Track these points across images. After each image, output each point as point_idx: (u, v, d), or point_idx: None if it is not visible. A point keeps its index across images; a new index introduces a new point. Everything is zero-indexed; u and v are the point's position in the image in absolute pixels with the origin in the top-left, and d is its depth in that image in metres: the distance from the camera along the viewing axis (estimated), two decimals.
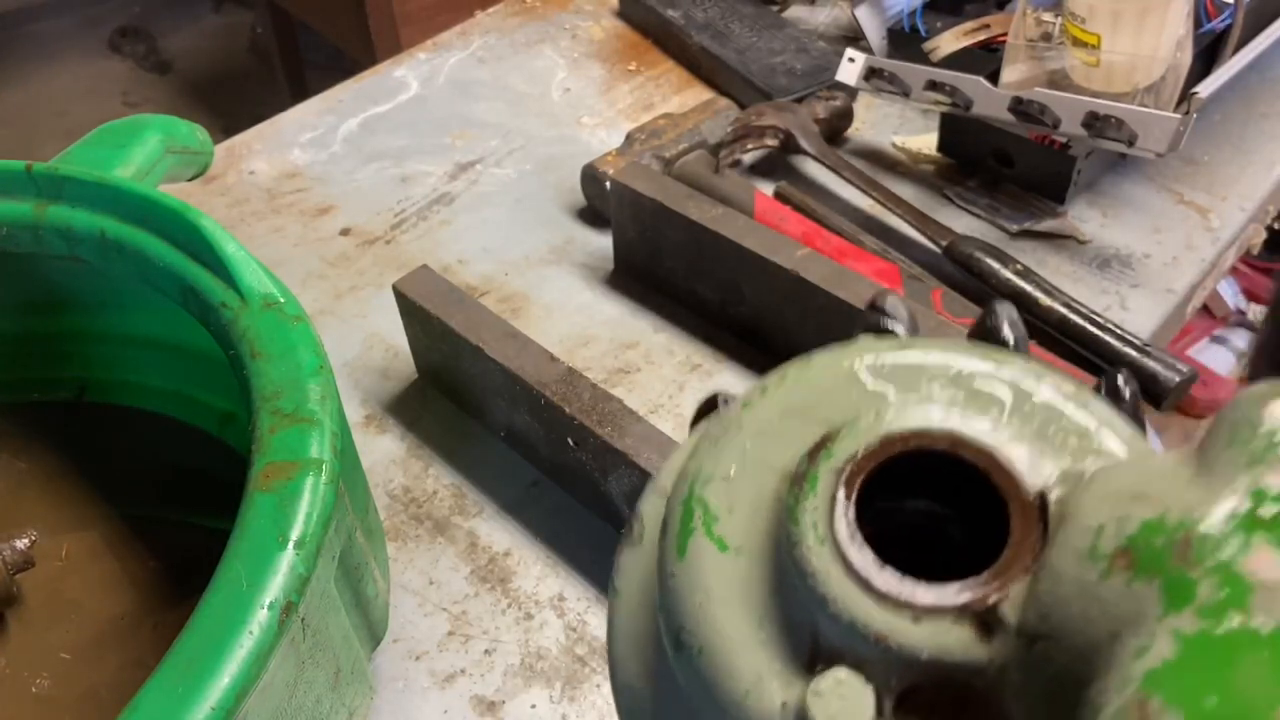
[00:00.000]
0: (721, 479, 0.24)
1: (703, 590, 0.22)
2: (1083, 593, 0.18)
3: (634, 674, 0.25)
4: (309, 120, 0.91)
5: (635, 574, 0.26)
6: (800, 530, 0.21)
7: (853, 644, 0.20)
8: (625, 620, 0.26)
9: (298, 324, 0.42)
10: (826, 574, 0.21)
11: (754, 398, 0.25)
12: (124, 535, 0.54)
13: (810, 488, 0.22)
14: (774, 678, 0.21)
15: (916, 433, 0.23)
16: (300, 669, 0.38)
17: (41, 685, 0.49)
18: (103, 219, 0.47)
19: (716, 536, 0.23)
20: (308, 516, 0.36)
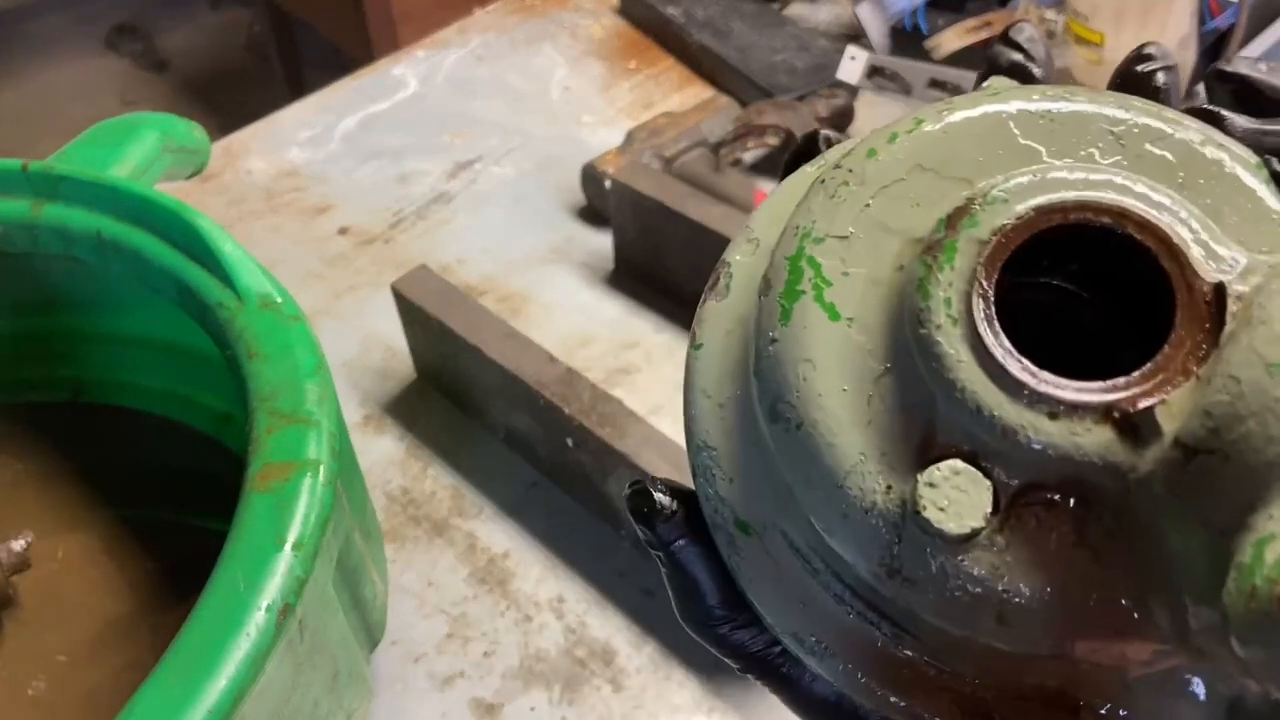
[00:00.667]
0: (837, 238, 0.21)
1: (807, 360, 0.20)
2: (1266, 408, 0.16)
3: (713, 433, 0.23)
4: (307, 118, 0.91)
5: (719, 327, 0.24)
6: (930, 307, 0.19)
7: (976, 436, 0.19)
8: (706, 376, 0.23)
9: (295, 324, 0.42)
10: (956, 358, 0.19)
11: (879, 145, 0.22)
12: (121, 536, 0.54)
13: (947, 258, 0.19)
14: (879, 461, 0.19)
15: (1079, 202, 0.19)
16: (298, 671, 0.38)
17: (38, 688, 0.49)
18: (99, 218, 0.47)
19: (828, 303, 0.20)
20: (305, 518, 0.36)
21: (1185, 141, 0.20)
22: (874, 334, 0.20)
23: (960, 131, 0.21)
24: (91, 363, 0.56)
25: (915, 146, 0.21)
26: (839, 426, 0.20)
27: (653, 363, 0.67)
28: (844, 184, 0.22)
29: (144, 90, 2.36)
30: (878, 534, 0.19)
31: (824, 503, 0.20)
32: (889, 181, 0.21)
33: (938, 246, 0.20)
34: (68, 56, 2.44)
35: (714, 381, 0.23)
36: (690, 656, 0.52)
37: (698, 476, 0.23)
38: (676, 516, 0.24)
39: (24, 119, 2.25)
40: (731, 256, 0.25)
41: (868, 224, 0.21)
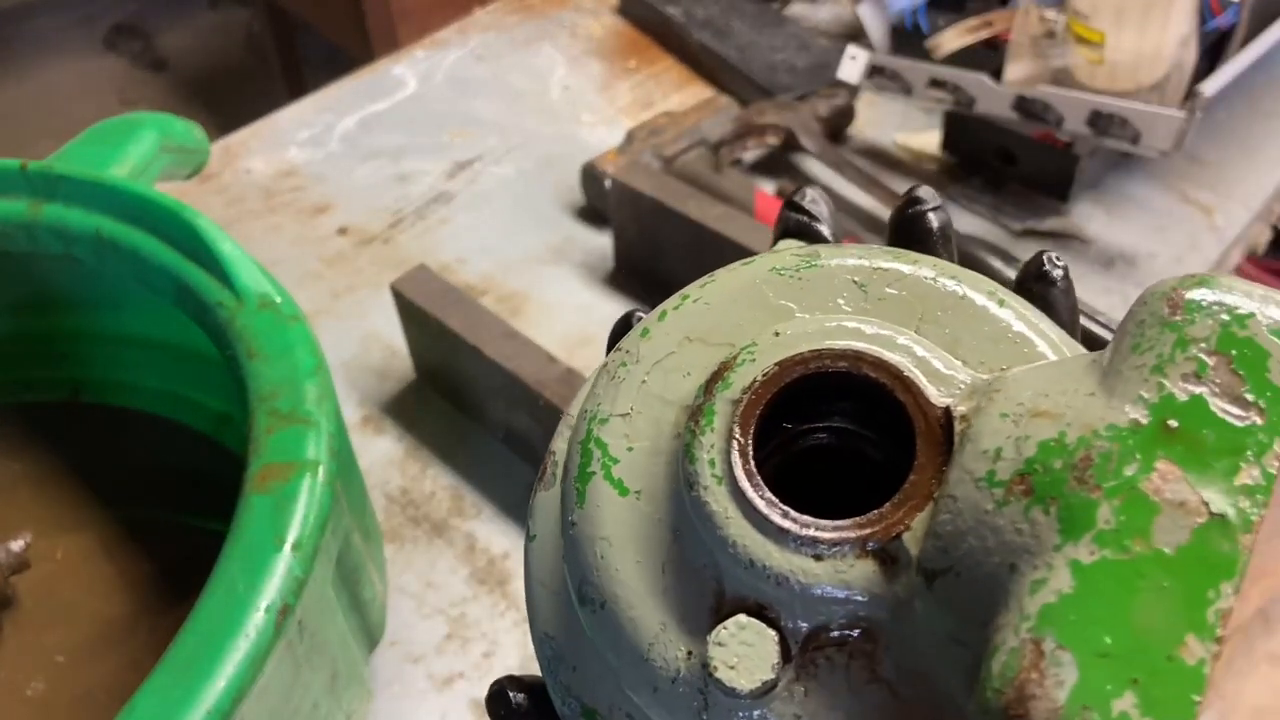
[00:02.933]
0: (620, 416, 0.22)
1: (603, 538, 0.21)
2: (979, 523, 0.17)
3: (552, 622, 0.24)
4: (306, 118, 0.90)
5: (549, 517, 0.24)
6: (696, 469, 0.20)
7: (756, 586, 0.19)
8: (541, 566, 0.24)
9: (294, 324, 0.42)
10: (725, 515, 0.19)
11: (651, 325, 0.23)
12: (119, 537, 0.54)
13: (707, 422, 0.20)
14: (678, 628, 0.20)
15: (815, 353, 0.21)
16: (297, 672, 0.38)
17: (36, 688, 0.49)
18: (98, 218, 0.47)
19: (615, 479, 0.21)
20: (304, 518, 0.36)
21: (920, 279, 0.22)
22: (661, 503, 0.21)
23: (720, 299, 0.23)
24: (90, 363, 0.56)
25: (682, 320, 0.23)
26: (637, 599, 0.20)
27: None
28: (622, 365, 0.23)
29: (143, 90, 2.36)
30: (686, 701, 0.20)
31: (635, 677, 0.20)
32: (661, 356, 0.22)
33: (699, 412, 0.21)
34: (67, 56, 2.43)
35: (549, 571, 0.24)
36: None
37: (543, 668, 0.24)
38: (528, 714, 0.24)
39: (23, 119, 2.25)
40: (556, 445, 0.26)
41: (645, 399, 0.22)
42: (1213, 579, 0.15)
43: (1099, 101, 0.65)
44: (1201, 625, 0.15)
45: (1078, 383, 0.18)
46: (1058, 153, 0.74)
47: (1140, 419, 0.17)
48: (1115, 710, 0.14)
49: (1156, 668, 0.15)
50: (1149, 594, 0.15)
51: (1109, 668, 0.15)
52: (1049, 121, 0.68)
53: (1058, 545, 0.16)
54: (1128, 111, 0.64)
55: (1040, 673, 0.15)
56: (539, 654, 0.24)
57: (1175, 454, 0.16)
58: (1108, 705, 0.15)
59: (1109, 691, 0.15)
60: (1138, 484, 0.16)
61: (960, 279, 0.22)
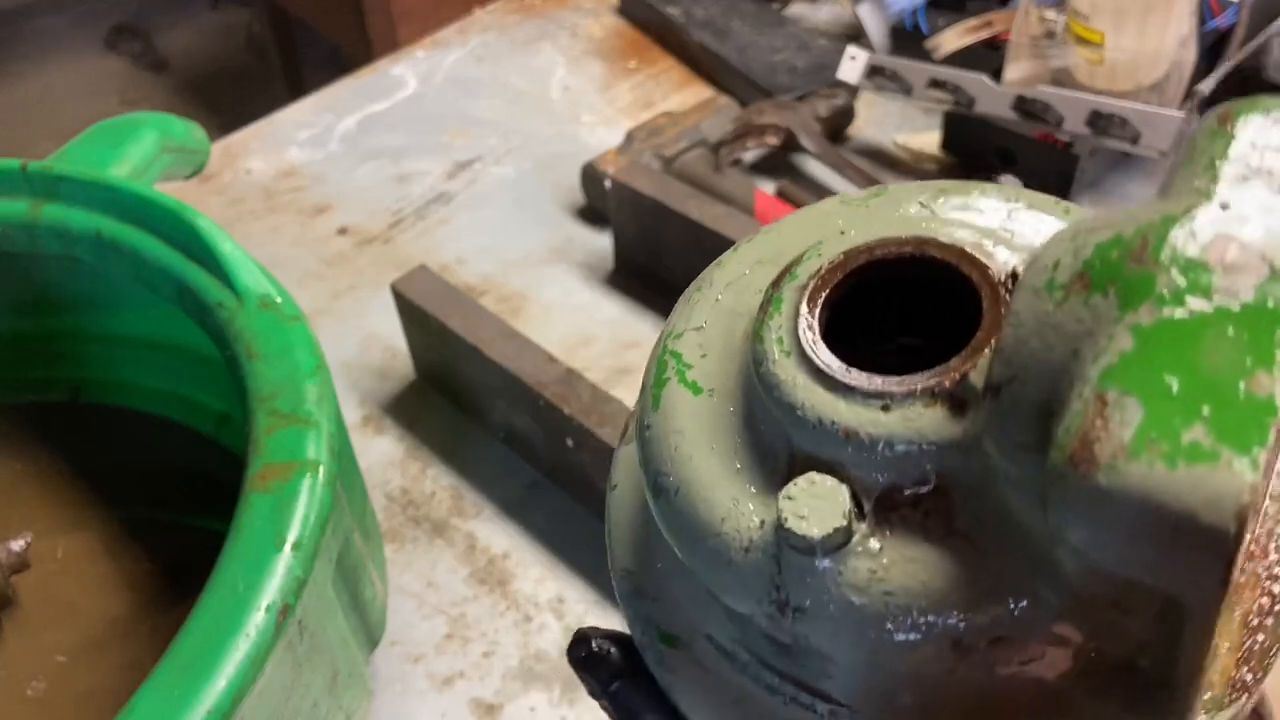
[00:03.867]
0: (694, 329, 0.23)
1: (676, 432, 0.22)
2: (1041, 325, 0.17)
3: (629, 559, 0.25)
4: (306, 118, 0.90)
5: (629, 469, 0.26)
6: (765, 347, 0.21)
7: (825, 448, 0.20)
8: (620, 512, 0.26)
9: (295, 324, 0.42)
10: (792, 381, 0.20)
11: (726, 257, 0.25)
12: (120, 537, 0.54)
13: (775, 308, 0.21)
14: (750, 500, 0.20)
15: (880, 240, 0.21)
16: (297, 672, 0.38)
17: (37, 688, 0.49)
18: (99, 218, 0.47)
19: (690, 382, 0.22)
20: (305, 518, 0.36)
21: (988, 199, 0.23)
22: (733, 397, 0.22)
23: (791, 228, 0.24)
24: (91, 363, 0.56)
25: (754, 248, 0.24)
26: (711, 479, 0.21)
27: None
28: (697, 289, 0.24)
29: (143, 90, 2.36)
30: (760, 569, 0.20)
31: (708, 557, 0.21)
32: (734, 278, 0.24)
33: (767, 302, 0.22)
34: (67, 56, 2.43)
35: (627, 515, 0.25)
36: None
37: (623, 603, 0.25)
38: (610, 656, 0.25)
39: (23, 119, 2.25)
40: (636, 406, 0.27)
41: (718, 313, 0.23)
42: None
43: (1099, 102, 0.65)
44: (1270, 361, 0.15)
45: (1135, 209, 0.18)
46: (1058, 153, 0.74)
47: (1194, 202, 0.17)
48: (1185, 440, 0.14)
49: (1226, 399, 0.14)
50: (1214, 341, 0.15)
51: (1176, 404, 0.15)
52: (1049, 121, 0.68)
53: (1117, 318, 0.16)
54: (1127, 112, 0.64)
55: (1104, 419, 0.15)
56: (619, 590, 0.25)
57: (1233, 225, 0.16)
58: (1177, 435, 0.14)
59: (1177, 424, 0.14)
60: (1194, 253, 0.16)
61: (1028, 200, 0.22)
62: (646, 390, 0.23)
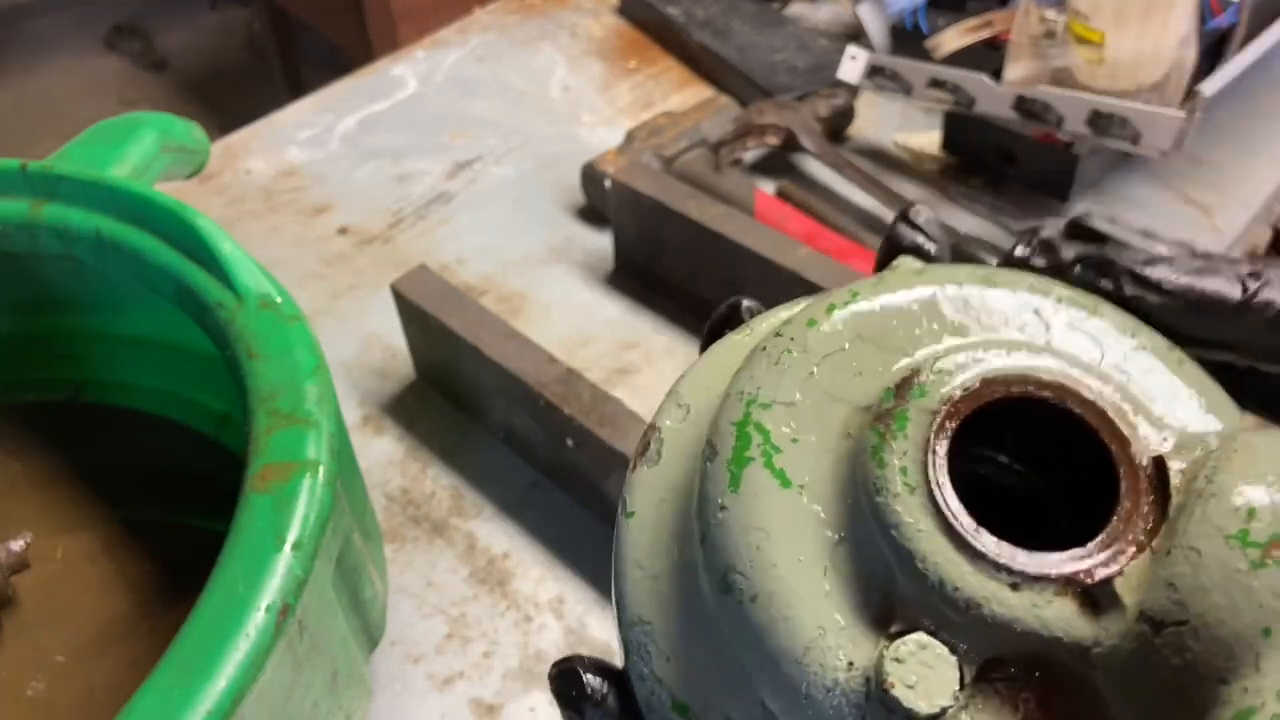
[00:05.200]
0: (784, 404, 0.21)
1: (760, 529, 0.20)
2: (1229, 581, 0.16)
3: (648, 606, 0.22)
4: (306, 118, 0.90)
5: (652, 495, 0.23)
6: (886, 475, 0.19)
7: (937, 608, 0.18)
8: (638, 546, 0.23)
9: (295, 324, 0.42)
10: (915, 527, 0.18)
11: (818, 315, 0.22)
12: (120, 537, 0.53)
13: (899, 427, 0.19)
14: (839, 634, 0.19)
15: (1021, 376, 0.20)
16: (297, 672, 0.38)
17: (36, 688, 0.49)
18: (98, 218, 0.47)
19: (778, 469, 0.20)
20: (305, 518, 0.36)
21: (1105, 328, 0.21)
22: (826, 502, 0.20)
23: (894, 305, 0.22)
24: (90, 363, 0.56)
25: (854, 318, 0.22)
26: (796, 598, 0.19)
27: (653, 363, 0.67)
28: (787, 351, 0.22)
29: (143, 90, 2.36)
30: (840, 714, 0.19)
31: (781, 681, 0.19)
32: (831, 350, 0.21)
33: (889, 415, 0.20)
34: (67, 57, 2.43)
35: (646, 552, 0.23)
36: None
37: (630, 654, 0.22)
38: (607, 701, 0.22)
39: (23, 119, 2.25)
40: (661, 422, 0.24)
41: (814, 391, 0.21)
42: None
43: (1099, 101, 0.65)
44: None
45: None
46: (1058, 153, 0.74)
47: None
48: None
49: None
50: None
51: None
52: (1049, 121, 0.68)
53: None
54: (1128, 111, 0.64)
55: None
56: (626, 638, 0.23)
57: None
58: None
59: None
60: None
61: (1139, 333, 0.22)
62: (721, 461, 0.21)
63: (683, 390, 0.24)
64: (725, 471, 0.20)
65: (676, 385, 0.25)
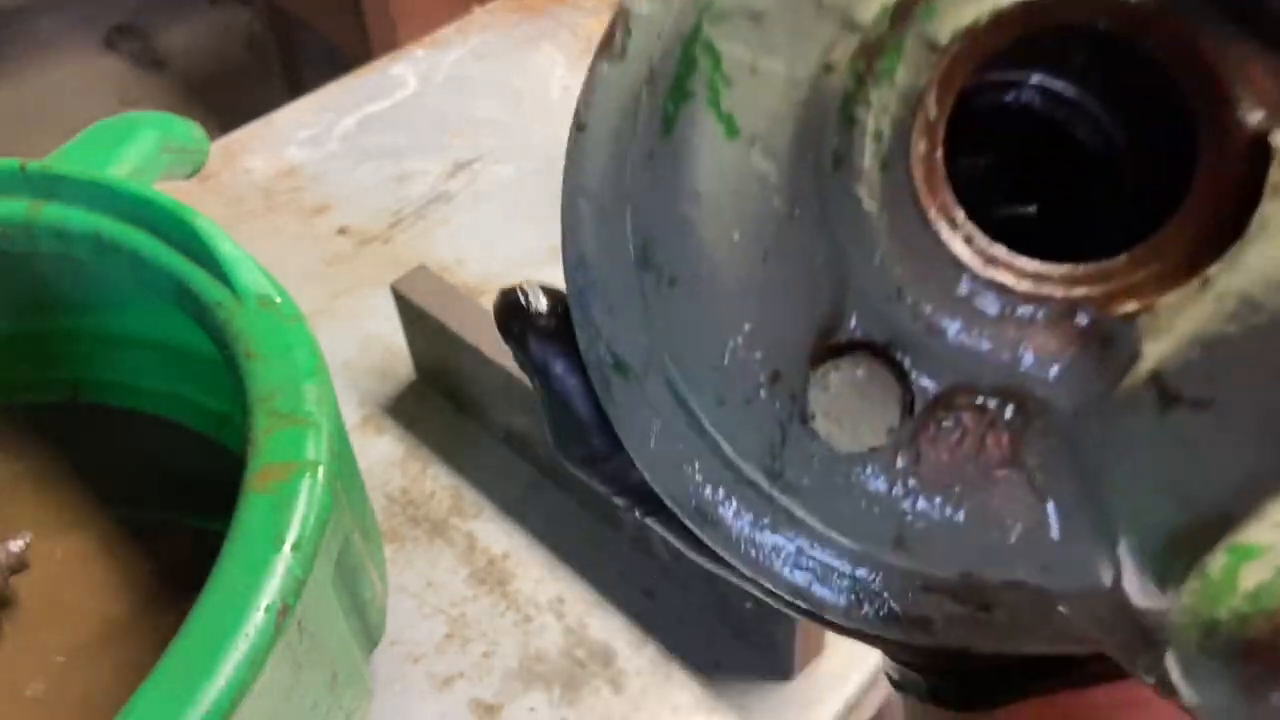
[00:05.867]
0: (747, 15, 0.15)
1: (691, 192, 0.15)
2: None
3: (593, 246, 0.18)
4: (306, 118, 0.90)
5: (611, 103, 0.18)
6: (852, 139, 0.14)
7: (893, 322, 0.14)
8: (589, 170, 0.18)
9: (294, 324, 0.42)
10: (878, 217, 0.14)
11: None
12: (119, 537, 0.53)
13: (886, 69, 0.14)
14: (769, 339, 0.15)
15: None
16: (297, 672, 0.38)
17: (35, 689, 0.49)
18: (98, 218, 0.47)
19: (724, 112, 0.15)
20: (304, 518, 0.36)
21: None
22: (783, 162, 0.15)
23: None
24: (90, 363, 0.56)
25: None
26: (723, 288, 0.15)
27: None
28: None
29: (142, 90, 2.36)
30: (759, 429, 0.16)
31: (698, 378, 0.16)
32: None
33: (875, 49, 0.14)
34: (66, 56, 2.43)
35: (599, 177, 0.18)
36: (690, 657, 0.52)
37: (572, 300, 0.19)
38: (551, 327, 0.19)
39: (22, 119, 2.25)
40: (632, 3, 0.18)
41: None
42: None
43: None
44: None
45: None
46: None
47: None
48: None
49: None
50: None
51: None
52: None
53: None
54: None
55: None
56: (568, 277, 0.19)
57: None
58: None
59: None
60: None
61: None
62: (657, 89, 0.16)
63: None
64: (660, 107, 0.16)
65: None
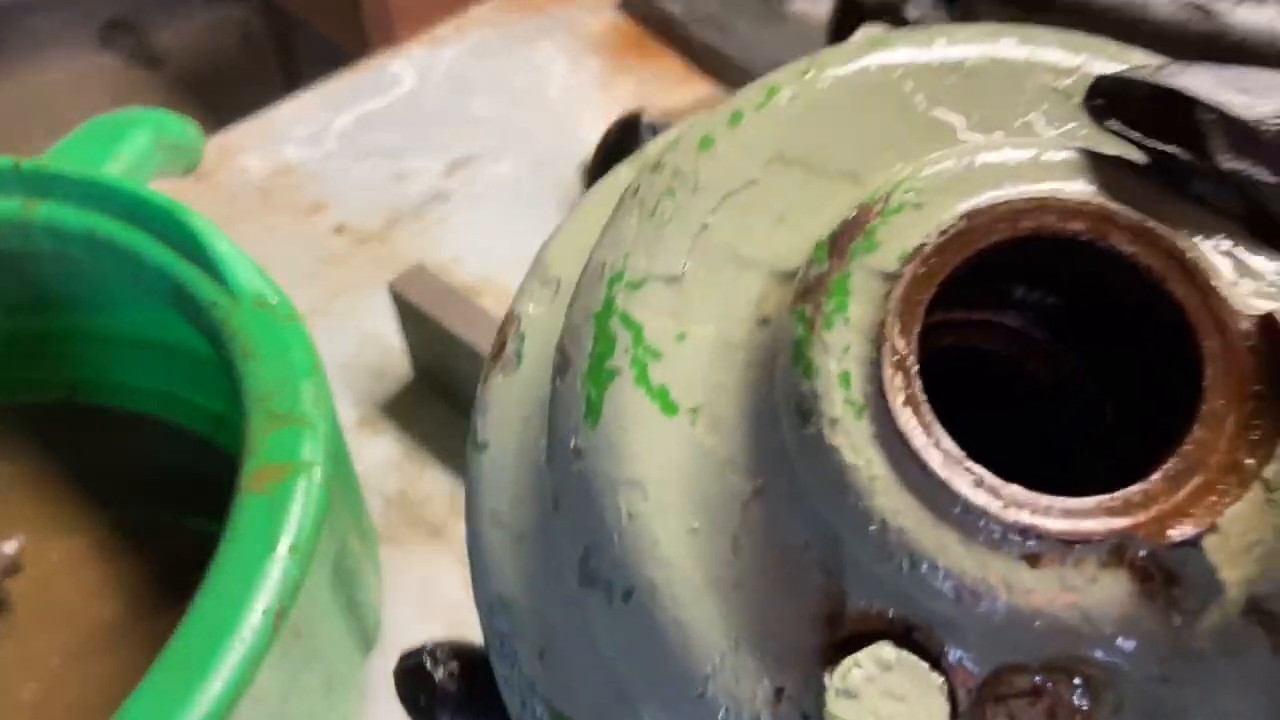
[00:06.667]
0: (664, 280, 0.14)
1: (632, 483, 0.13)
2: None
3: (512, 581, 0.16)
4: (302, 116, 0.90)
5: (512, 414, 0.16)
6: (818, 389, 0.12)
7: (910, 598, 0.12)
8: (496, 492, 0.16)
9: (290, 324, 0.42)
10: (867, 472, 0.12)
11: (718, 130, 0.15)
12: (114, 539, 0.53)
13: (837, 307, 0.12)
14: (759, 648, 0.13)
15: (1036, 201, 0.12)
16: (292, 676, 0.37)
17: (30, 692, 0.48)
18: (92, 216, 0.46)
19: (657, 387, 0.13)
20: (300, 520, 0.36)
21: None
22: (733, 433, 0.13)
23: (834, 101, 0.15)
24: (85, 363, 0.56)
25: (771, 129, 0.15)
26: (691, 594, 0.13)
27: None
28: (668, 193, 0.15)
29: (137, 87, 2.36)
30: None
31: (673, 712, 0.13)
32: (737, 185, 0.15)
33: (819, 288, 0.13)
34: (60, 53, 2.43)
35: (507, 500, 0.16)
36: None
37: (491, 649, 0.16)
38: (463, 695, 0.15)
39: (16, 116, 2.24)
40: (522, 308, 0.17)
41: (710, 254, 0.14)
42: None
43: None
44: None
45: None
46: None
47: None
48: None
49: None
50: None
51: None
52: None
53: None
54: None
55: None
56: (485, 625, 0.16)
57: None
58: None
59: None
60: None
61: None
62: (572, 374, 0.14)
63: (550, 258, 0.17)
64: (580, 396, 0.14)
65: (542, 251, 0.17)
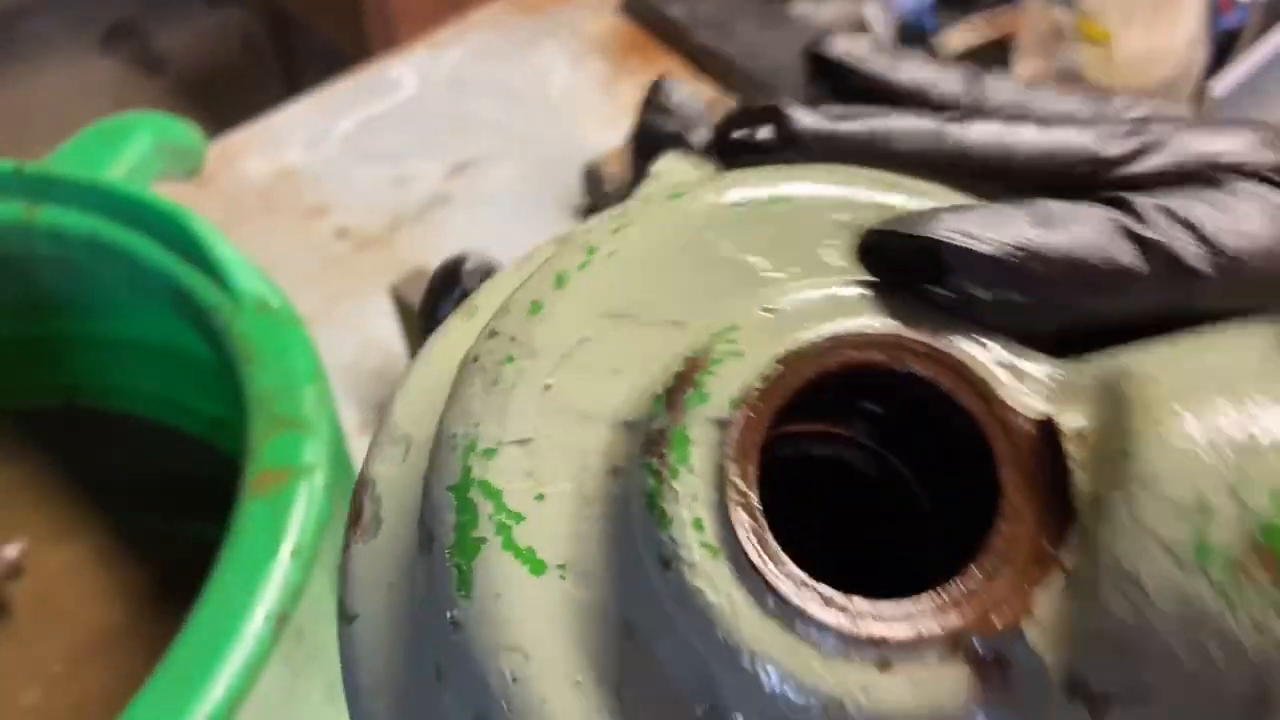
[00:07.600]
0: (516, 445, 0.14)
1: (512, 649, 0.14)
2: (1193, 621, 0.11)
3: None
4: (304, 119, 0.90)
5: (377, 581, 0.16)
6: (674, 535, 0.13)
7: (786, 715, 0.13)
8: (369, 665, 0.16)
9: (292, 328, 0.42)
10: (729, 609, 0.13)
11: (545, 294, 0.16)
12: (115, 543, 0.53)
13: (679, 457, 0.13)
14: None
15: (839, 340, 0.14)
16: (294, 681, 0.37)
17: (31, 696, 0.48)
18: (94, 220, 0.46)
19: (523, 549, 0.14)
20: (302, 525, 0.36)
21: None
22: (602, 582, 0.14)
23: (647, 255, 0.16)
24: (86, 367, 0.56)
25: (594, 287, 0.16)
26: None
27: None
28: (508, 360, 0.15)
29: (139, 91, 2.36)
30: None
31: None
32: (571, 345, 0.15)
33: (661, 440, 0.14)
34: (62, 57, 2.43)
35: (385, 669, 0.16)
36: None
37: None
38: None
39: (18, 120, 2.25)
40: (374, 470, 0.17)
41: (556, 413, 0.15)
42: None
43: None
44: None
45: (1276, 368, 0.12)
46: None
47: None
48: None
49: None
50: None
51: None
52: None
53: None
54: None
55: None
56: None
57: None
58: None
59: None
60: None
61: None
62: (438, 549, 0.14)
63: (397, 416, 0.17)
64: (450, 570, 0.14)
65: (389, 410, 0.18)
